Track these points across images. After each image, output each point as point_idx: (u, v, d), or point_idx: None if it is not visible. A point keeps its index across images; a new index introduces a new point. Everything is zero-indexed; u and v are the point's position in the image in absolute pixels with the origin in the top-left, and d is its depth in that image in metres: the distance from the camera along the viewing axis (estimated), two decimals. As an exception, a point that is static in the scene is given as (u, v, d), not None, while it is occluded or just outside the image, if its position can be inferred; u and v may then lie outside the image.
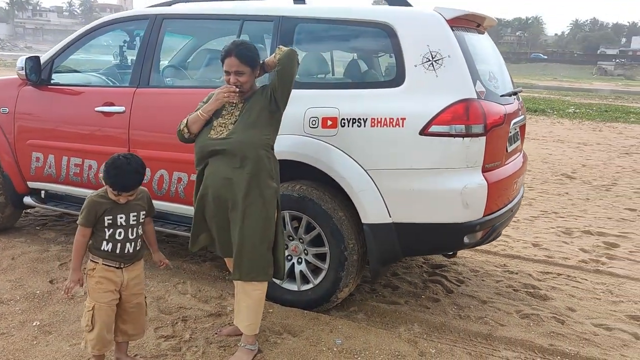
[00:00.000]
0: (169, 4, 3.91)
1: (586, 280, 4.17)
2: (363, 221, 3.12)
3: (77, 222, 2.49)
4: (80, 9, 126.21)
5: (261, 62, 2.79)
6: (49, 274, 3.73)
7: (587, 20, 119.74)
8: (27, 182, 4.22)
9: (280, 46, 2.74)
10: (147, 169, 3.62)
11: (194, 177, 3.51)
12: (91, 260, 2.53)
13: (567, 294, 3.90)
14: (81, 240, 2.48)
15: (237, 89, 2.72)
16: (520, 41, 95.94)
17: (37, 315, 3.19)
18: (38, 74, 3.98)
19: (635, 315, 3.59)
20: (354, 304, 3.55)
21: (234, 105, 2.78)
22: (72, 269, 2.49)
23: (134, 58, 4.42)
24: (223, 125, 2.74)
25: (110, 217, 2.48)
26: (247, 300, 2.81)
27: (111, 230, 2.48)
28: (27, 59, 3.92)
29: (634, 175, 8.51)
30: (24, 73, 3.91)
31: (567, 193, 7.09)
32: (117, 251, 2.50)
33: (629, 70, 69.51)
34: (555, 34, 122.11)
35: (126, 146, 3.70)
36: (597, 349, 3.16)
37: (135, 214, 2.54)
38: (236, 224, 2.72)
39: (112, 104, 3.75)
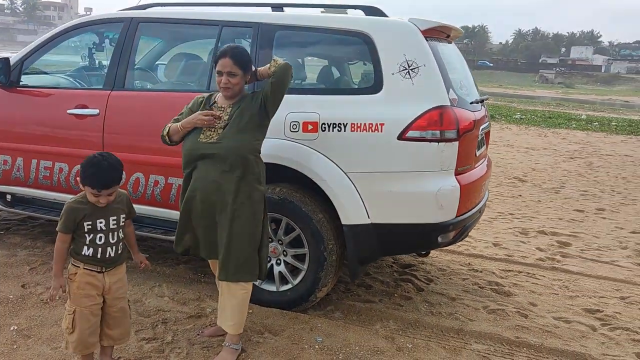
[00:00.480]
0: (143, 8, 3.92)
1: (544, 277, 4.43)
2: (343, 222, 3.23)
3: (57, 228, 2.47)
4: (23, 6, 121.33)
5: (254, 69, 2.86)
6: (20, 278, 3.66)
7: (529, 30, 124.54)
8: (-6, 186, 4.12)
9: (276, 58, 2.82)
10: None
11: (171, 180, 3.57)
12: (72, 264, 2.52)
13: (528, 290, 4.13)
14: (61, 247, 2.47)
15: (217, 117, 2.79)
16: (468, 49, 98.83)
17: (13, 319, 3.14)
18: (7, 75, 3.90)
19: (591, 309, 3.85)
20: (330, 303, 3.66)
21: (222, 109, 2.84)
22: (54, 275, 2.48)
23: (104, 60, 4.39)
24: (212, 129, 2.79)
25: (90, 222, 2.46)
26: (233, 300, 2.86)
27: (91, 235, 2.47)
28: (-4, 60, 3.84)
29: (579, 178, 8.99)
30: (-7, 75, 3.82)
31: (520, 195, 7.44)
32: (98, 256, 2.49)
33: (568, 78, 72.76)
34: (500, 43, 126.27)
35: (100, 148, 3.66)
36: (558, 340, 3.38)
37: (115, 217, 2.53)
38: (224, 225, 2.77)
39: (85, 107, 3.72)
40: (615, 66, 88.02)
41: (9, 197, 4.16)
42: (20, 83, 4.02)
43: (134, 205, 2.72)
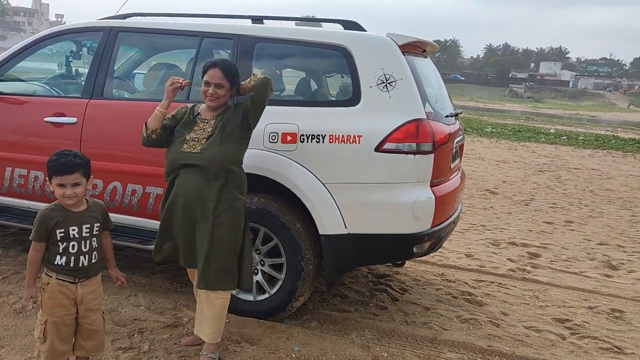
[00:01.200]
0: (123, 17, 3.92)
1: (515, 287, 4.54)
2: (320, 232, 3.27)
3: (30, 237, 2.44)
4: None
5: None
6: (-8, 288, 3.60)
7: (499, 45, 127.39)
8: (-35, 194, 4.04)
9: (255, 72, 2.88)
10: (100, 181, 3.64)
11: (148, 189, 3.57)
12: (45, 274, 2.48)
13: (500, 299, 4.23)
14: (35, 256, 2.44)
15: (181, 83, 2.88)
16: (440, 62, 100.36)
17: (-16, 330, 3.08)
18: (-19, 82, 3.85)
19: (560, 318, 3.96)
20: (306, 312, 3.68)
21: (206, 120, 2.87)
22: (26, 285, 2.45)
23: (81, 69, 4.37)
24: (196, 139, 2.83)
25: (62, 229, 2.43)
26: (211, 309, 2.87)
27: (64, 243, 2.44)
28: (-29, 67, 3.79)
29: (548, 191, 9.22)
30: (-32, 81, 3.78)
31: (491, 207, 7.60)
32: (71, 264, 2.45)
33: (537, 93, 74.57)
34: (471, 57, 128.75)
35: (77, 157, 3.65)
36: (529, 348, 3.47)
37: (88, 225, 2.49)
38: (205, 233, 2.79)
39: (63, 115, 3.70)
40: (582, 82, 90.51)
41: (-20, 205, 4.09)
42: (-5, 90, 3.96)
43: (111, 214, 2.69)
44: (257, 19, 3.67)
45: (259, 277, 3.47)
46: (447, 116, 3.63)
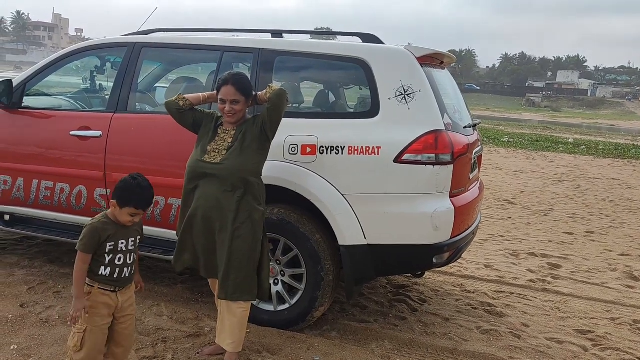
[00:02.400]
0: (146, 33, 4.02)
1: (535, 298, 4.51)
2: (340, 243, 3.30)
3: (77, 248, 2.46)
4: (12, 26, 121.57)
5: (254, 94, 2.96)
6: (19, 298, 3.68)
7: (516, 54, 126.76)
8: (-7, 206, 4.15)
9: (271, 84, 2.93)
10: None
11: (171, 200, 3.64)
12: (86, 283, 2.51)
13: (520, 311, 4.21)
14: (82, 267, 2.46)
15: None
16: (455, 72, 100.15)
17: (12, 339, 3.15)
18: (10, 96, 3.97)
19: (582, 330, 3.93)
20: (326, 323, 3.70)
21: (226, 131, 2.94)
22: (76, 297, 2.43)
23: (104, 83, 4.47)
24: (216, 150, 2.90)
25: (113, 243, 2.50)
26: (232, 319, 2.92)
27: (111, 255, 2.50)
28: (0, 82, 3.91)
29: (568, 201, 9.14)
30: (-3, 96, 3.89)
31: (510, 218, 7.56)
32: (115, 276, 2.52)
33: (555, 102, 73.99)
34: (487, 67, 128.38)
35: (102, 170, 3.74)
36: (551, 360, 3.45)
37: (133, 239, 2.59)
38: (224, 245, 2.85)
39: (88, 128, 3.79)
40: (601, 90, 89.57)
41: (7, 217, 4.19)
42: (22, 105, 4.08)
43: None
44: (277, 33, 3.74)
45: (279, 288, 3.50)
46: (465, 127, 3.65)
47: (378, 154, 3.22)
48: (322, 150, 3.29)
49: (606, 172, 13.20)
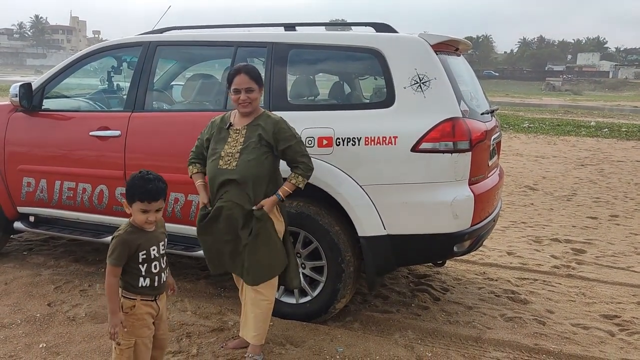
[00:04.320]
0: (160, 31, 4.04)
1: (560, 284, 4.46)
2: (359, 234, 3.30)
3: (108, 262, 2.36)
4: (31, 30, 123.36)
5: (279, 193, 2.91)
6: (46, 297, 3.75)
7: (534, 39, 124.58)
8: (17, 208, 4.23)
9: (295, 182, 2.92)
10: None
11: (190, 197, 3.67)
12: (127, 298, 2.41)
13: (545, 297, 4.17)
14: (114, 282, 2.36)
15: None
16: (472, 59, 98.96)
17: (41, 337, 3.22)
18: (30, 100, 4.03)
19: (608, 315, 3.88)
20: (349, 314, 3.71)
21: (237, 131, 2.94)
22: (111, 312, 2.34)
23: (121, 83, 4.51)
24: (230, 155, 2.90)
25: (144, 251, 2.40)
26: (255, 311, 2.95)
27: (146, 264, 2.41)
28: (20, 85, 3.98)
29: (591, 185, 9.00)
30: (17, 99, 3.96)
31: (532, 204, 7.47)
32: (155, 284, 2.44)
33: (575, 85, 72.67)
34: (505, 52, 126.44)
35: (122, 169, 3.78)
36: (577, 346, 3.41)
37: (162, 242, 2.51)
38: (246, 242, 2.88)
39: (107, 128, 3.84)
40: (622, 72, 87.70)
41: (32, 218, 4.28)
42: (42, 107, 4.14)
43: None
44: (290, 26, 3.73)
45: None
46: (482, 113, 3.61)
47: (395, 144, 3.21)
48: (339, 142, 3.28)
49: (630, 154, 12.96)
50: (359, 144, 3.25)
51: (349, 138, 3.27)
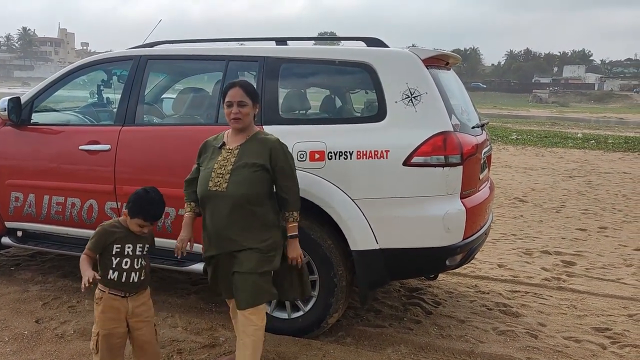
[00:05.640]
0: (151, 45, 4.03)
1: (551, 297, 4.47)
2: (352, 248, 3.29)
3: (87, 245, 2.61)
4: (19, 42, 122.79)
5: (294, 234, 2.88)
6: (33, 313, 3.70)
7: (521, 51, 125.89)
8: (5, 222, 4.18)
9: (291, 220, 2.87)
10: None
11: (181, 211, 3.61)
12: (98, 289, 2.63)
13: (536, 310, 4.17)
14: (86, 259, 2.57)
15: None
16: (460, 71, 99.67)
17: (29, 355, 3.17)
18: (18, 114, 4.00)
19: (600, 327, 3.89)
20: (341, 329, 3.69)
21: (229, 151, 2.82)
22: (84, 270, 2.49)
23: (111, 97, 4.49)
24: (220, 175, 2.76)
25: (119, 245, 2.61)
26: (245, 339, 2.82)
27: (118, 258, 2.60)
28: (9, 100, 3.94)
29: (580, 197, 9.07)
30: (6, 114, 3.92)
31: (521, 216, 7.51)
32: (123, 280, 2.60)
33: (562, 97, 73.47)
34: (492, 64, 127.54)
35: (112, 183, 3.75)
36: (570, 359, 3.41)
37: (141, 245, 2.68)
38: (237, 262, 2.78)
39: (97, 142, 3.80)
40: (608, 84, 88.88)
41: (19, 233, 4.22)
42: (31, 121, 4.10)
43: None
44: (281, 41, 3.74)
45: (292, 295, 3.48)
46: (473, 127, 3.63)
47: (387, 158, 3.21)
48: (331, 156, 3.28)
49: (617, 166, 13.10)
50: (351, 158, 3.25)
51: (341, 152, 3.27)
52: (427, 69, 3.36)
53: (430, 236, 3.24)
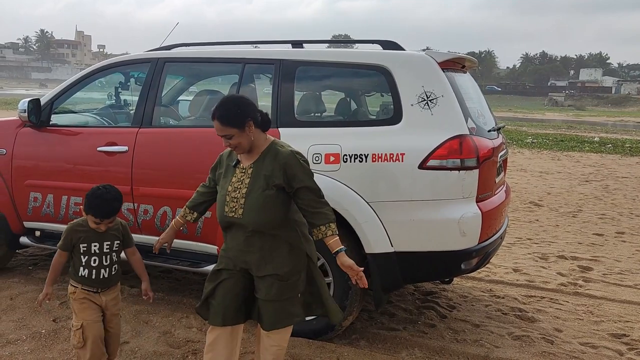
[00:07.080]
0: (168, 48, 4.07)
1: (567, 302, 4.42)
2: (366, 251, 3.29)
3: (57, 245, 2.74)
4: (37, 45, 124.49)
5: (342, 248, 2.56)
6: (51, 312, 3.74)
7: (537, 54, 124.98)
8: (24, 222, 4.24)
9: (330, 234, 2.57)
10: (150, 206, 3.78)
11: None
12: (71, 284, 2.74)
13: (552, 315, 4.13)
14: (59, 261, 2.73)
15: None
16: (475, 74, 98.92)
17: (46, 354, 3.20)
18: (38, 115, 4.05)
19: (617, 334, 3.84)
20: (355, 332, 3.69)
21: (244, 171, 2.60)
22: (46, 284, 2.74)
23: (129, 99, 4.54)
24: (235, 200, 2.57)
25: (85, 244, 2.69)
26: (267, 356, 2.73)
27: (86, 257, 2.69)
28: (29, 101, 4.00)
29: (596, 202, 8.97)
30: (26, 115, 3.98)
31: (537, 220, 7.44)
32: (93, 277, 2.70)
33: (578, 101, 72.63)
34: (507, 67, 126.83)
35: (129, 184, 3.79)
36: (586, 365, 3.38)
37: (109, 242, 2.74)
38: (259, 286, 2.63)
39: (114, 144, 3.85)
40: (625, 87, 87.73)
41: (38, 233, 4.28)
42: (50, 122, 4.16)
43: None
44: (297, 44, 3.76)
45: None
46: (489, 130, 3.62)
47: (402, 161, 3.21)
48: (346, 159, 3.29)
49: (634, 170, 12.93)
50: (366, 161, 3.26)
51: (357, 155, 3.27)
52: (444, 72, 3.35)
53: (445, 240, 3.23)
